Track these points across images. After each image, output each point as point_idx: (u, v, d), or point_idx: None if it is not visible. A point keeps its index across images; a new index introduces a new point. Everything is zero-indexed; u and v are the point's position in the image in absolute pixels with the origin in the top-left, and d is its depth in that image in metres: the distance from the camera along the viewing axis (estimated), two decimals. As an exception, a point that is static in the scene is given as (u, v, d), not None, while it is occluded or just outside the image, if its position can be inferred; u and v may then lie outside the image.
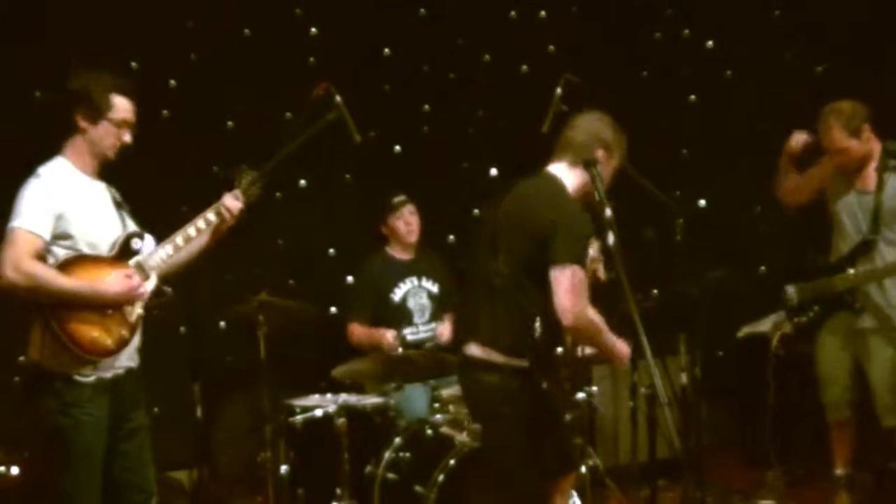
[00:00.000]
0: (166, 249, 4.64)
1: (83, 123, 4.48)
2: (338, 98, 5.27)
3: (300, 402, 5.81)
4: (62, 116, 4.50)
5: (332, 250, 7.25)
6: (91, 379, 4.37)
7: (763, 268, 7.73)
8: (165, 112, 6.76)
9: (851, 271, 5.77)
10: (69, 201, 4.41)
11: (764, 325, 6.98)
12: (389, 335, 6.22)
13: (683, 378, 6.10)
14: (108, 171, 4.68)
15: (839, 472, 6.07)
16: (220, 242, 4.86)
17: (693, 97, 7.81)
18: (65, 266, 4.36)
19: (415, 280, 6.54)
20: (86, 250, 4.43)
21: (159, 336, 4.73)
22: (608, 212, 4.41)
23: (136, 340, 4.57)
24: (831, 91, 7.20)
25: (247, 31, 6.98)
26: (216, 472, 6.53)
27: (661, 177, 5.54)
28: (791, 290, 6.00)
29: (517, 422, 4.39)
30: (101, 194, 4.60)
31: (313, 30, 7.19)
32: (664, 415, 4.28)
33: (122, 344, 4.45)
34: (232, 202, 4.81)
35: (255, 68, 6.83)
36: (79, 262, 4.40)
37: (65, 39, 6.28)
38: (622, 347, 4.55)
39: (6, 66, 6.17)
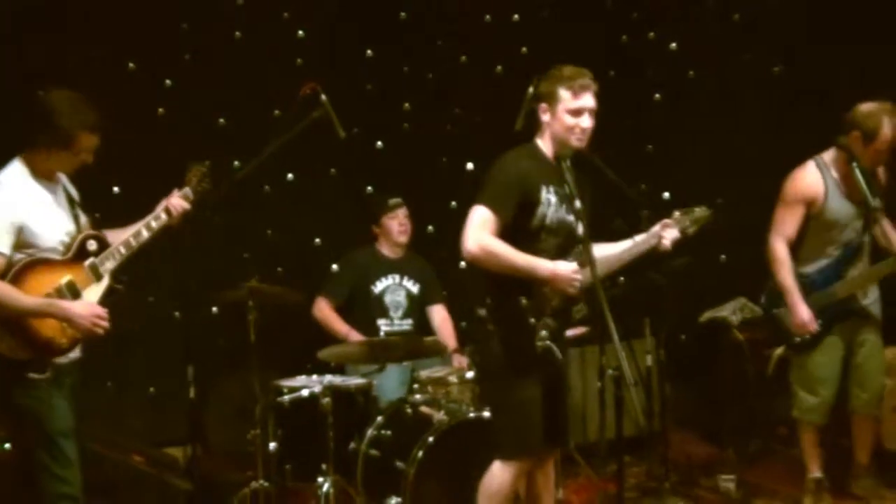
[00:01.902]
0: (120, 251, 4.53)
1: (44, 146, 4.36)
2: (323, 97, 5.27)
3: (287, 382, 5.82)
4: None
5: (317, 240, 7.23)
6: (48, 374, 4.30)
7: (723, 256, 7.75)
8: (161, 110, 6.73)
9: (850, 275, 5.60)
10: (29, 211, 4.30)
11: (724, 311, 7.05)
12: (356, 338, 6.26)
13: (649, 360, 6.15)
14: (105, 167, 4.66)
15: (815, 475, 5.81)
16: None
17: (658, 96, 7.82)
18: (19, 274, 4.23)
19: (397, 277, 6.57)
20: (42, 254, 4.33)
21: (155, 321, 4.70)
22: (577, 203, 4.43)
23: None
24: (786, 90, 7.30)
25: (238, 33, 6.94)
26: (209, 448, 6.52)
27: (628, 171, 5.54)
28: (783, 312, 5.69)
29: (485, 370, 4.72)
30: (56, 194, 4.48)
31: (300, 32, 7.15)
32: (630, 395, 4.30)
33: (75, 343, 4.40)
34: (178, 202, 4.72)
35: (245, 68, 6.80)
36: (33, 269, 4.28)
37: (65, 40, 6.25)
38: (546, 267, 4.43)
39: (6, 66, 6.13)
